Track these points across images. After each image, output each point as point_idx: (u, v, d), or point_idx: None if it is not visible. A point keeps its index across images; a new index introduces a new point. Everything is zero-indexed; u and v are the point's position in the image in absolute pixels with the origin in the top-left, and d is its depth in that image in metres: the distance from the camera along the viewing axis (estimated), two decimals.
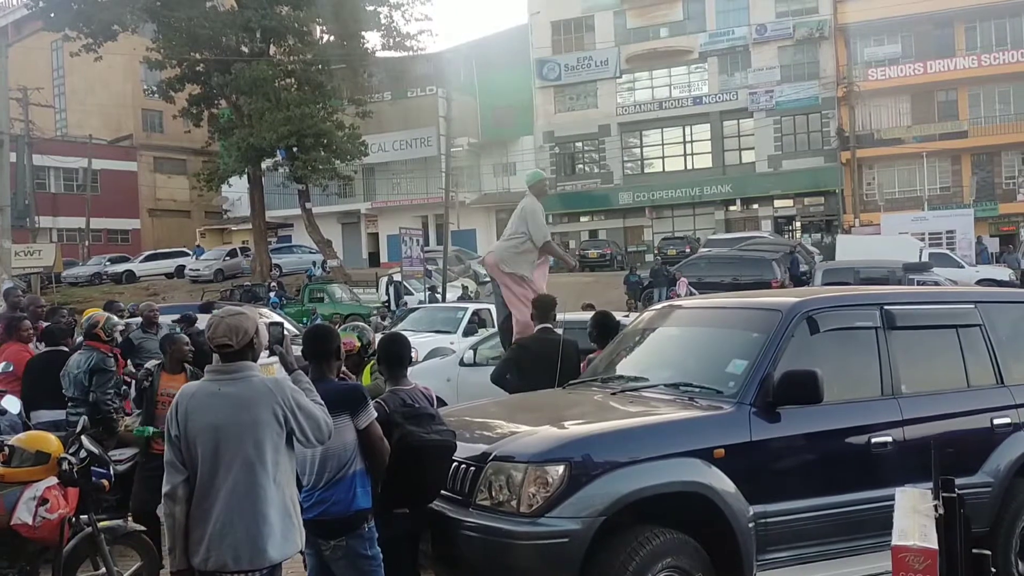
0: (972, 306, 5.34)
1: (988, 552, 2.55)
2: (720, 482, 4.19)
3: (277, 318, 12.39)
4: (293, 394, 3.32)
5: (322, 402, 3.44)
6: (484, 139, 43.80)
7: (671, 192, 41.06)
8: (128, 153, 49.20)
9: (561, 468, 3.97)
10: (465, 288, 24.97)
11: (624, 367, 5.45)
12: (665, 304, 6.56)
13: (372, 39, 33.48)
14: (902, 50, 39.01)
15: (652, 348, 5.67)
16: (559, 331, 7.01)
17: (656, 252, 33.31)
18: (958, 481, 4.86)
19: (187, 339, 6.39)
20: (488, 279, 33.90)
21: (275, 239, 44.39)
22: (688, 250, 32.75)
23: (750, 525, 4.22)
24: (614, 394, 5.00)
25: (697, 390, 4.71)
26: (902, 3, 37.39)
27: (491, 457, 4.17)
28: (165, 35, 31.93)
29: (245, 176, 33.71)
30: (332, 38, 33.20)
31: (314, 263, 34.55)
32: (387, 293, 23.05)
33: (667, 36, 41.67)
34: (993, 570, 2.65)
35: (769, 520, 4.31)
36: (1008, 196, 36.55)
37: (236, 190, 39.64)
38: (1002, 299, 5.85)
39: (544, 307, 6.55)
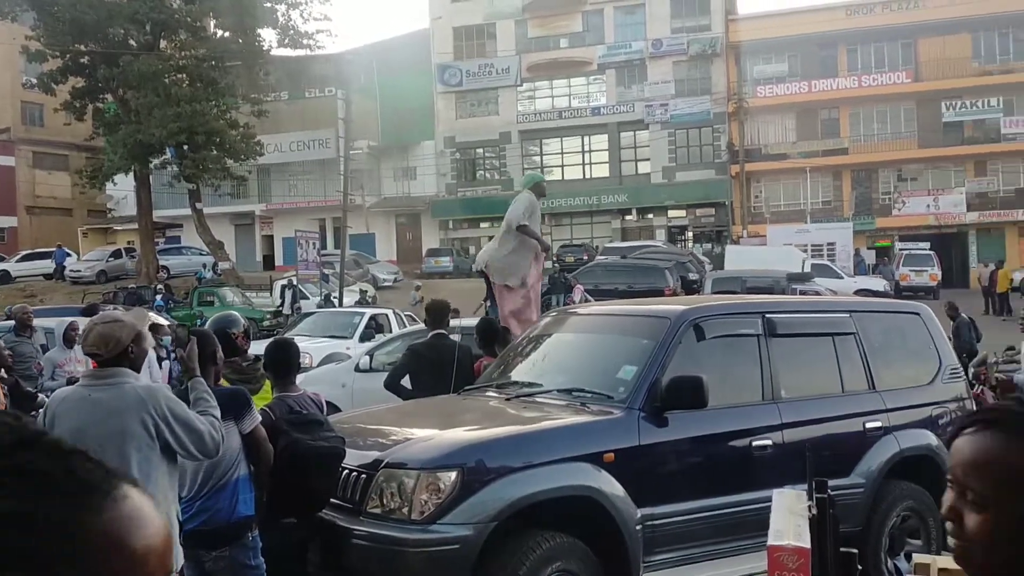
0: (847, 315, 5.62)
1: (855, 551, 2.68)
2: (609, 486, 4.27)
3: (164, 322, 11.93)
4: (168, 403, 3.15)
5: (217, 413, 3.32)
6: (384, 142, 43.41)
7: (570, 200, 41.66)
8: (5, 147, 46.44)
9: (453, 474, 3.98)
10: (363, 293, 24.63)
11: (519, 373, 5.50)
12: (560, 311, 6.65)
13: (268, 37, 32.69)
14: (789, 69, 40.79)
15: (547, 354, 5.74)
16: (456, 337, 7.01)
17: (554, 259, 33.72)
18: (833, 482, 5.11)
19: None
20: (387, 284, 33.41)
21: (163, 240, 42.74)
22: (586, 257, 33.27)
23: (637, 527, 4.32)
24: (508, 400, 5.03)
25: (589, 395, 4.79)
26: (789, 24, 39.16)
27: (383, 464, 4.13)
28: (47, 24, 30.34)
29: (132, 174, 32.36)
30: (226, 34, 32.25)
31: (204, 265, 33.43)
32: (281, 297, 22.49)
33: (567, 47, 42.34)
34: (860, 567, 2.78)
35: (656, 522, 4.42)
36: (884, 211, 38.67)
37: (122, 188, 37.99)
38: (874, 309, 6.19)
39: (437, 312, 6.53)
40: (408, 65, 42.04)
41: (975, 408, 6.12)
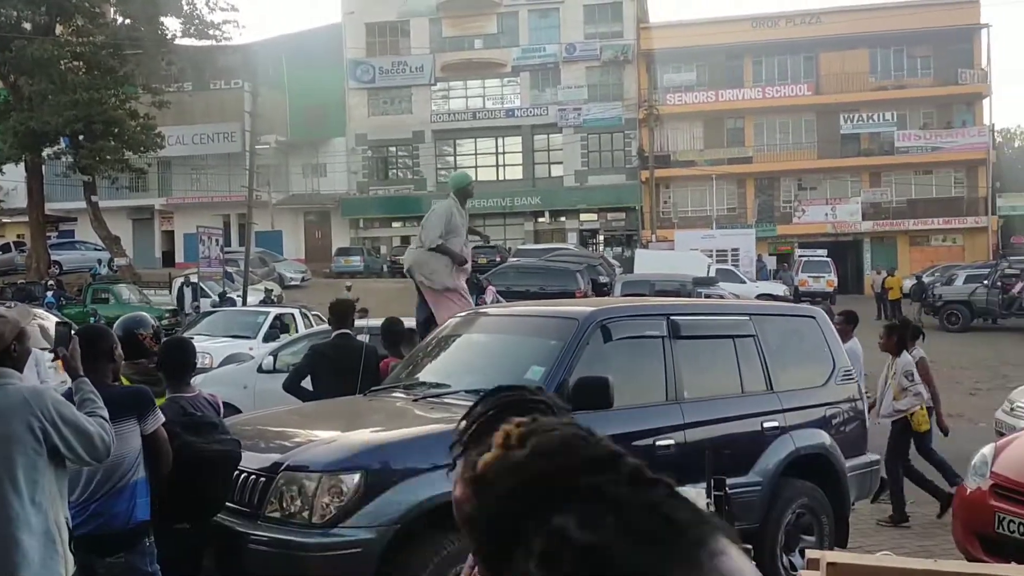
0: (747, 318, 5.78)
1: (751, 547, 2.73)
2: None
3: (53, 319, 11.36)
4: (56, 406, 2.99)
5: (106, 414, 3.15)
6: (293, 138, 42.54)
7: (483, 201, 41.56)
8: None
9: (356, 476, 3.90)
10: (268, 292, 24.04)
11: (426, 373, 5.44)
12: (470, 311, 6.61)
13: (172, 26, 31.51)
14: (697, 78, 41.87)
15: (456, 354, 5.70)
16: (363, 337, 6.89)
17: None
18: (732, 481, 5.26)
19: None
20: (294, 283, 32.62)
21: (55, 234, 40.77)
22: (499, 259, 33.39)
23: None
24: (415, 400, 4.98)
25: None
26: (698, 35, 40.18)
27: (283, 467, 4.02)
28: None
29: (22, 163, 30.79)
30: (127, 21, 31.00)
31: (99, 261, 32.06)
32: (179, 295, 21.61)
33: (481, 48, 42.39)
34: (756, 563, 2.83)
35: None
36: (785, 219, 40.09)
37: (11, 178, 36.03)
38: (773, 312, 6.39)
39: (341, 312, 6.40)
40: (319, 60, 41.32)
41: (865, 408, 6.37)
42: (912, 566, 2.01)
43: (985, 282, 25.85)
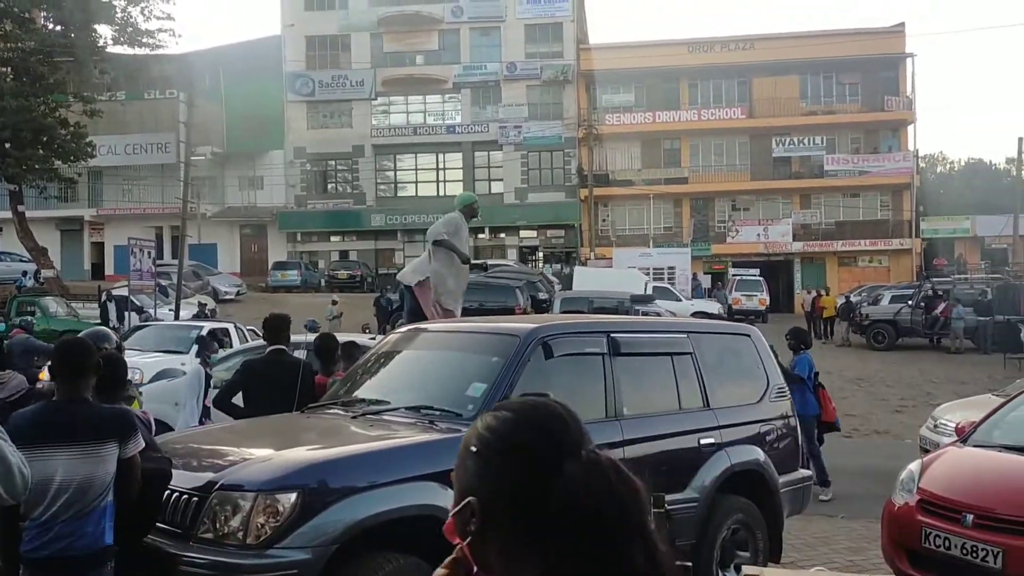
0: (685, 336, 5.86)
1: (690, 564, 2.76)
2: None
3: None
4: None
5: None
6: (230, 149, 41.85)
7: (423, 216, 41.50)
8: None
9: (293, 496, 3.82)
10: (203, 305, 23.50)
11: (366, 390, 5.37)
12: (410, 327, 6.56)
13: (105, 33, 30.77)
14: (635, 99, 42.58)
15: (395, 371, 5.64)
16: (302, 353, 6.79)
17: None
18: (670, 497, 5.32)
19: None
20: (228, 296, 31.85)
21: None
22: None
23: None
24: (354, 417, 4.91)
25: (437, 413, 4.74)
26: (636, 57, 40.87)
27: (217, 486, 3.91)
28: None
29: None
30: (58, 27, 30.16)
31: (24, 273, 30.93)
32: (103, 309, 20.90)
33: (423, 64, 42.42)
34: None
35: None
36: (720, 238, 40.92)
37: None
38: (710, 330, 6.48)
39: (275, 327, 6.26)
40: (258, 71, 40.80)
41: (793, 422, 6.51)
42: None
43: (909, 302, 26.76)
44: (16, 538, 3.40)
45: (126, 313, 19.98)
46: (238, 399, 6.16)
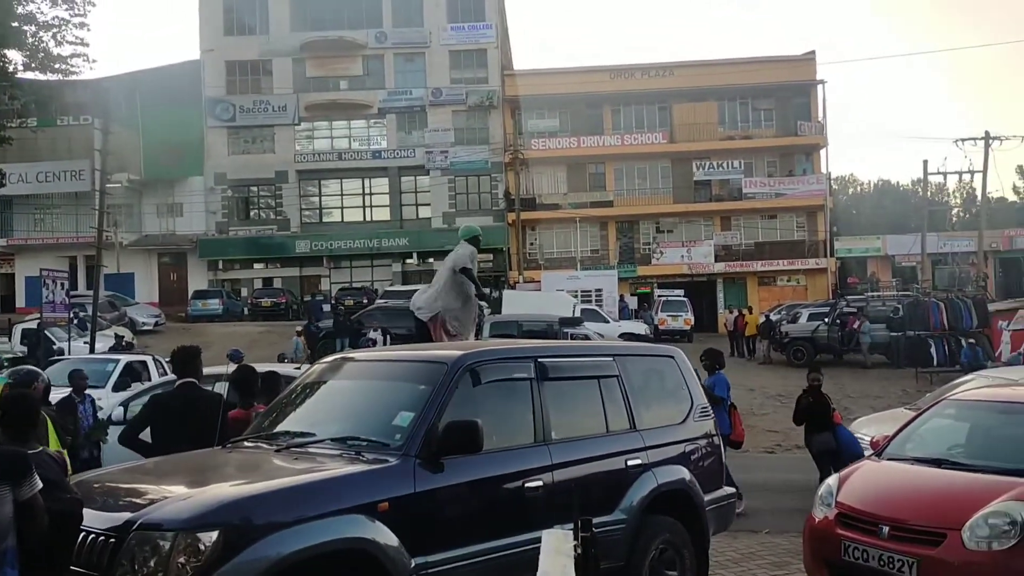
0: (611, 359, 5.92)
1: None
2: (383, 536, 4.18)
3: None
4: None
5: None
6: (147, 176, 40.79)
7: (349, 242, 41.22)
8: None
9: (215, 534, 3.71)
10: (119, 337, 22.73)
11: (290, 422, 5.27)
12: (337, 356, 6.48)
13: (15, 58, 29.70)
14: (560, 125, 43.19)
15: (321, 402, 5.55)
16: (222, 385, 6.63)
17: (333, 302, 33.09)
18: (597, 519, 5.34)
19: None
20: (147, 327, 30.76)
21: None
22: (366, 301, 32.95)
23: None
24: (278, 451, 4.81)
25: (364, 443, 4.68)
26: (560, 83, 41.54)
27: (135, 526, 3.78)
28: None
29: None
30: None
31: None
32: (36, 340, 19.98)
33: (347, 89, 42.22)
34: None
35: (430, 571, 4.37)
36: (645, 260, 41.65)
37: None
38: (635, 352, 6.58)
39: (183, 360, 6.06)
40: (176, 97, 39.98)
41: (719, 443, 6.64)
42: None
43: (826, 320, 27.63)
44: None
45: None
46: (146, 435, 5.96)
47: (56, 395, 12.83)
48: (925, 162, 43.72)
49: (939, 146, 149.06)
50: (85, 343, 21.12)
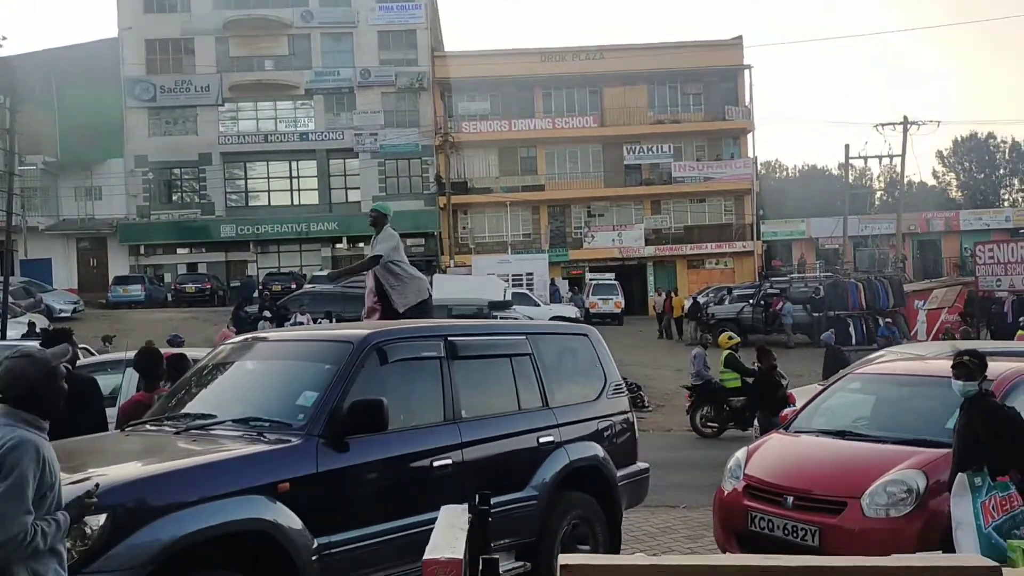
0: (524, 337, 5.92)
1: (497, 557, 2.77)
2: (283, 517, 4.11)
3: None
4: None
5: None
6: (64, 158, 39.28)
7: (277, 227, 40.44)
8: None
9: (102, 518, 3.59)
10: (32, 325, 21.89)
11: (194, 404, 5.14)
12: (244, 337, 6.33)
13: None
14: (491, 108, 43.02)
15: (226, 383, 5.42)
16: (130, 371, 6.42)
17: (260, 287, 32.45)
18: (509, 496, 5.37)
19: None
20: (64, 315, 29.73)
21: None
22: (294, 286, 32.39)
23: (313, 558, 4.19)
24: (177, 433, 4.68)
25: (267, 424, 4.59)
26: (490, 65, 41.35)
27: None
28: None
29: None
30: None
31: None
32: None
33: (272, 69, 41.27)
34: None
35: (334, 551, 4.31)
36: (576, 244, 41.91)
37: None
38: (549, 331, 6.60)
39: (56, 341, 5.81)
40: (93, 76, 38.50)
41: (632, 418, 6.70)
42: (636, 562, 2.11)
43: (751, 301, 28.25)
44: None
45: None
46: None
47: None
48: (847, 146, 45.08)
49: (863, 131, 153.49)
50: None
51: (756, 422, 10.84)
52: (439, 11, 45.66)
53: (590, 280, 36.47)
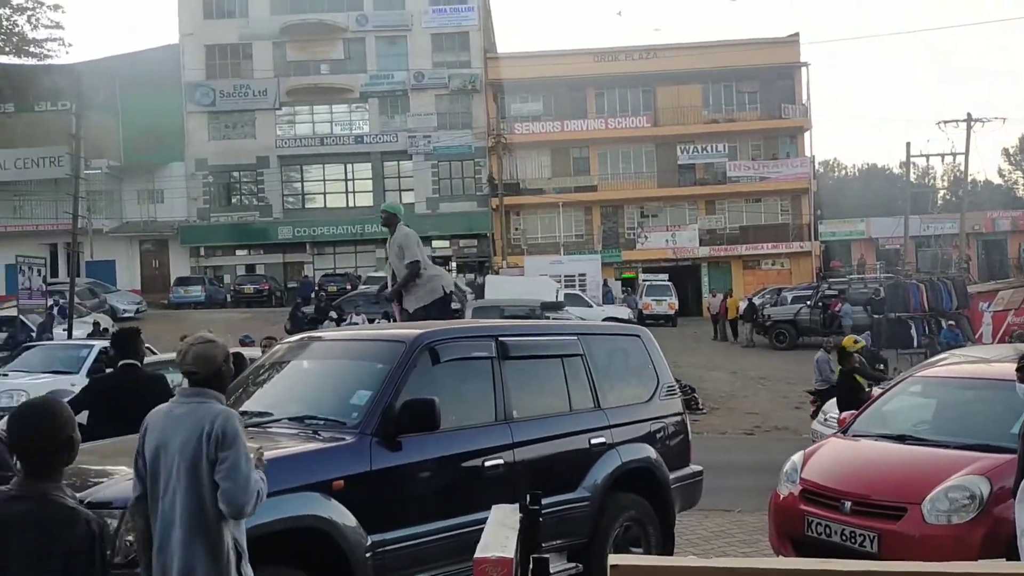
0: (575, 338, 5.91)
1: (548, 556, 2.77)
2: (338, 514, 4.17)
3: None
4: (232, 436, 3.26)
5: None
6: (127, 163, 40.40)
7: (332, 228, 41.01)
8: None
9: None
10: (97, 324, 22.55)
11: (250, 402, 5.24)
12: (300, 337, 6.44)
13: None
14: (543, 108, 43.01)
15: (281, 381, 5.53)
16: (176, 372, 6.55)
17: (316, 288, 32.96)
18: (560, 497, 5.36)
19: None
20: (127, 315, 30.65)
21: None
22: (349, 287, 32.80)
23: (367, 555, 4.24)
24: None
25: (321, 422, 4.67)
26: (543, 66, 41.33)
27: (83, 504, 3.74)
28: None
29: None
30: None
31: None
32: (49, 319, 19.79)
33: (328, 73, 41.86)
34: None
35: (387, 548, 4.36)
36: (629, 244, 41.65)
37: None
38: (600, 332, 6.58)
39: (124, 340, 5.96)
40: (155, 82, 39.52)
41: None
42: (688, 564, 2.10)
43: (808, 303, 27.74)
44: None
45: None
46: (83, 419, 5.88)
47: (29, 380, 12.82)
48: (908, 144, 43.79)
49: (925, 128, 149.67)
50: (63, 330, 20.97)
51: None
52: (491, 13, 45.82)
53: (643, 281, 36.21)
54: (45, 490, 2.54)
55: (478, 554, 2.66)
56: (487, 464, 4.93)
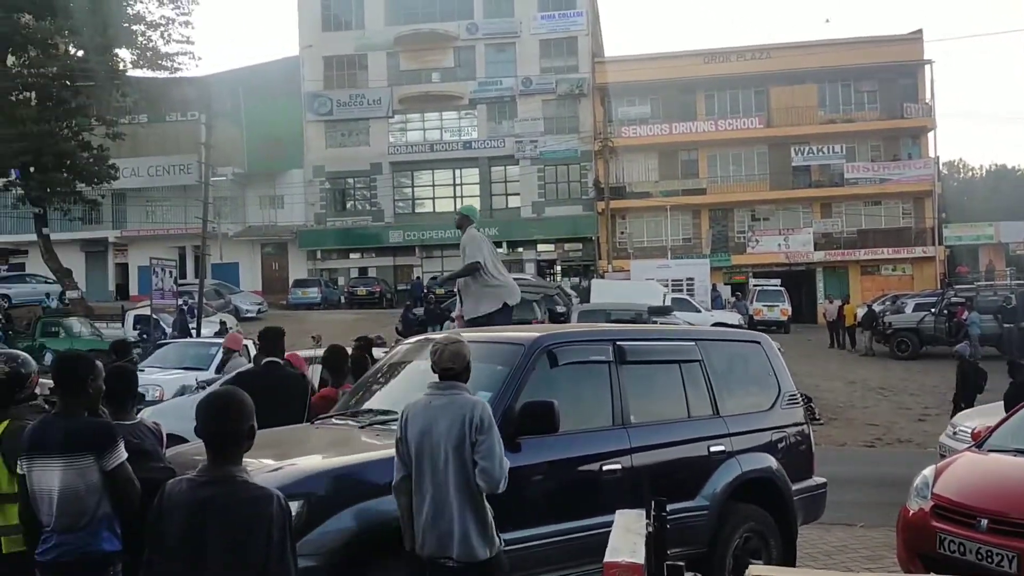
0: (693, 343, 5.83)
1: (682, 563, 2.76)
2: None
3: None
4: (487, 422, 3.72)
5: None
6: (250, 170, 42.30)
7: (441, 232, 41.67)
8: None
9: (298, 504, 3.84)
10: (223, 324, 23.70)
11: (375, 401, 5.41)
12: (419, 338, 6.59)
13: (125, 57, 31.27)
14: (651, 111, 42.56)
15: (404, 381, 5.65)
16: (312, 368, 6.82)
17: (425, 291, 33.62)
18: (678, 505, 5.31)
19: None
20: (250, 315, 32.01)
21: (6, 267, 39.98)
22: (456, 290, 33.20)
23: None
24: (362, 427, 4.94)
25: None
26: (652, 69, 40.90)
27: None
28: None
29: None
30: (80, 53, 30.68)
31: (48, 294, 31.35)
32: (135, 328, 21.27)
33: (439, 81, 42.69)
34: None
35: (508, 548, 4.41)
36: (739, 248, 40.69)
37: None
38: (719, 337, 6.46)
39: (269, 340, 6.23)
40: (276, 92, 41.29)
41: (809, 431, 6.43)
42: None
43: (933, 310, 26.43)
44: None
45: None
46: None
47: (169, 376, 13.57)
48: None
49: None
50: (192, 328, 22.11)
51: None
52: (600, 17, 45.71)
53: (754, 286, 35.30)
54: (234, 473, 2.72)
55: (608, 558, 2.67)
56: (604, 468, 4.92)
